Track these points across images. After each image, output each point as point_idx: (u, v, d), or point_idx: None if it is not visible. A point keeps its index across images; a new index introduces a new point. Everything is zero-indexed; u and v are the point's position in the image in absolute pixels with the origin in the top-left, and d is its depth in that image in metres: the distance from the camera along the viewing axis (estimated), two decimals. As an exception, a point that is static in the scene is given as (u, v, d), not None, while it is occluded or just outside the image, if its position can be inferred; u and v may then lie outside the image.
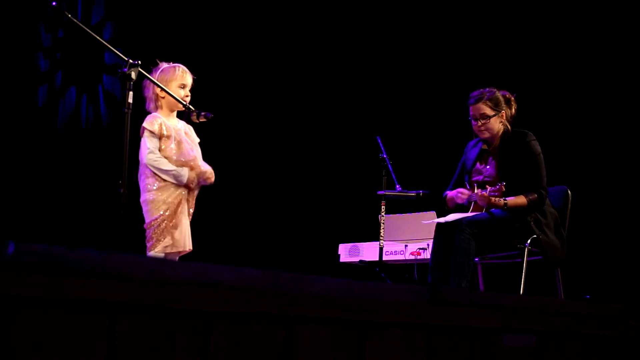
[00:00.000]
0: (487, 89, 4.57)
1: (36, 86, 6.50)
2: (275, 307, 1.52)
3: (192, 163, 4.01)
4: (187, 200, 4.03)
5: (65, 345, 1.23)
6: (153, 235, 3.92)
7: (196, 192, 4.08)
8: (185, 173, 3.95)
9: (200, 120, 3.81)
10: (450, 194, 4.64)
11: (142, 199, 3.98)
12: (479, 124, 4.52)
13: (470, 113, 4.55)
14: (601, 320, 2.14)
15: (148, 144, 3.95)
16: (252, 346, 1.49)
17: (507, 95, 4.60)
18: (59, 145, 6.71)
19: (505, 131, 4.56)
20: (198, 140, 4.19)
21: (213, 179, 4.09)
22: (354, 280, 1.68)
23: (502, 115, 4.54)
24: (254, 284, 1.48)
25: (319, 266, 6.23)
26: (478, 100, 4.52)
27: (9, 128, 6.18)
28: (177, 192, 3.97)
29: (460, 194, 4.53)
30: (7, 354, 1.17)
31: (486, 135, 4.55)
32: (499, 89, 4.59)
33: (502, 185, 4.24)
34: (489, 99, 4.52)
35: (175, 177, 3.94)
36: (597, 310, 2.13)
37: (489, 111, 4.51)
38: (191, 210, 4.06)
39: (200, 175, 4.03)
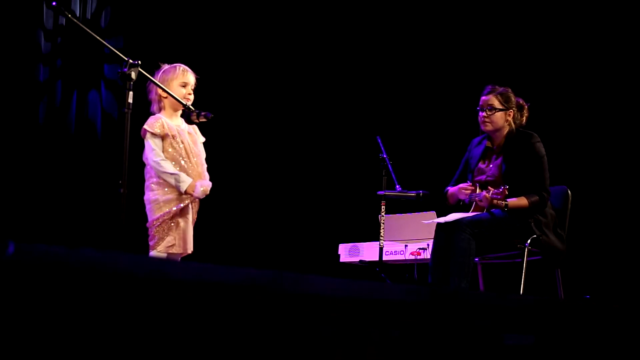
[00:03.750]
0: (504, 87, 4.62)
1: (35, 86, 6.50)
2: (276, 307, 1.52)
3: (192, 169, 4.02)
4: (191, 206, 4.04)
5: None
6: (155, 235, 3.94)
7: (199, 200, 4.09)
8: (186, 180, 3.95)
9: (200, 120, 3.82)
10: (451, 189, 4.64)
11: (145, 198, 4.01)
12: (485, 114, 4.55)
13: (480, 103, 4.59)
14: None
15: (152, 145, 3.96)
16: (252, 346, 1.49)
17: (521, 102, 4.63)
18: (58, 144, 6.71)
19: (510, 131, 4.57)
20: (203, 139, 4.20)
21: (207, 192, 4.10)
22: (355, 280, 1.68)
23: (510, 114, 4.57)
24: (255, 284, 1.48)
25: (319, 266, 6.23)
26: (490, 92, 4.58)
27: (8, 127, 6.17)
28: (180, 195, 3.98)
29: (462, 189, 4.54)
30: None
31: (489, 127, 4.57)
32: (516, 95, 4.63)
33: (505, 189, 4.25)
34: (501, 94, 4.58)
35: (177, 180, 3.95)
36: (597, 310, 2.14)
37: (497, 104, 4.55)
38: (194, 217, 4.08)
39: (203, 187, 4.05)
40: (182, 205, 3.98)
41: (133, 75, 3.27)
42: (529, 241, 4.35)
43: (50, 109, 6.51)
